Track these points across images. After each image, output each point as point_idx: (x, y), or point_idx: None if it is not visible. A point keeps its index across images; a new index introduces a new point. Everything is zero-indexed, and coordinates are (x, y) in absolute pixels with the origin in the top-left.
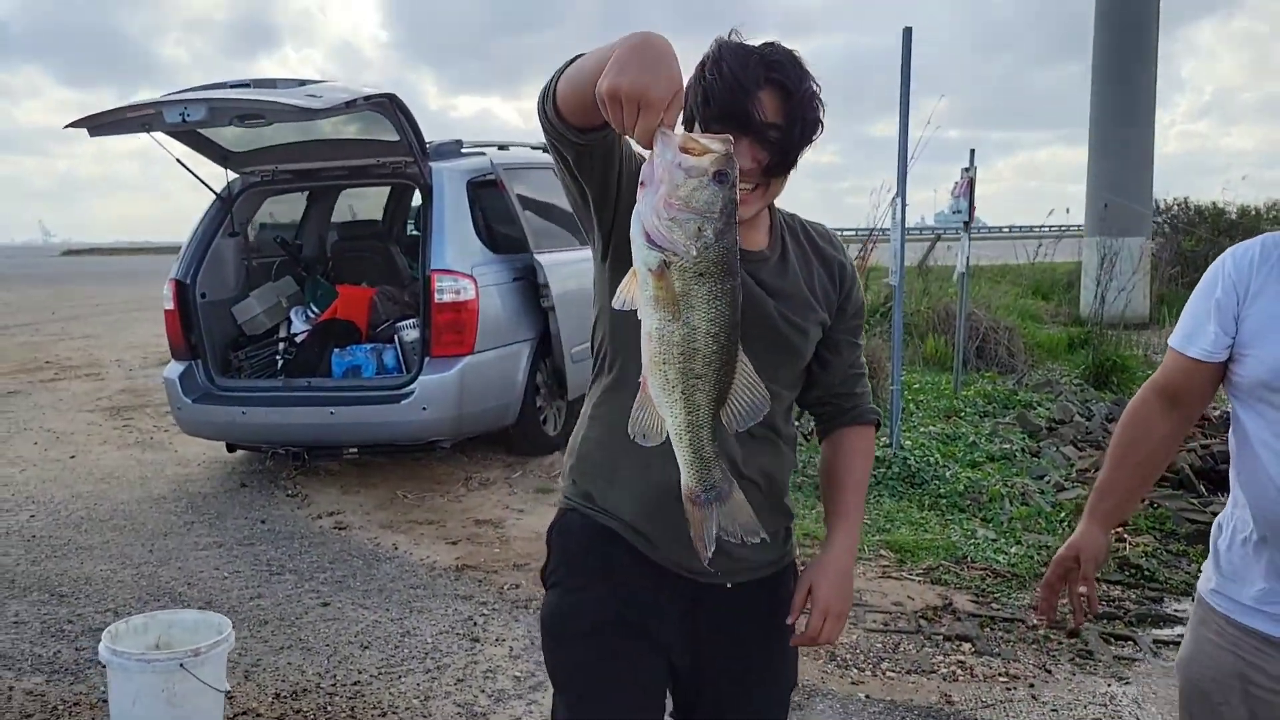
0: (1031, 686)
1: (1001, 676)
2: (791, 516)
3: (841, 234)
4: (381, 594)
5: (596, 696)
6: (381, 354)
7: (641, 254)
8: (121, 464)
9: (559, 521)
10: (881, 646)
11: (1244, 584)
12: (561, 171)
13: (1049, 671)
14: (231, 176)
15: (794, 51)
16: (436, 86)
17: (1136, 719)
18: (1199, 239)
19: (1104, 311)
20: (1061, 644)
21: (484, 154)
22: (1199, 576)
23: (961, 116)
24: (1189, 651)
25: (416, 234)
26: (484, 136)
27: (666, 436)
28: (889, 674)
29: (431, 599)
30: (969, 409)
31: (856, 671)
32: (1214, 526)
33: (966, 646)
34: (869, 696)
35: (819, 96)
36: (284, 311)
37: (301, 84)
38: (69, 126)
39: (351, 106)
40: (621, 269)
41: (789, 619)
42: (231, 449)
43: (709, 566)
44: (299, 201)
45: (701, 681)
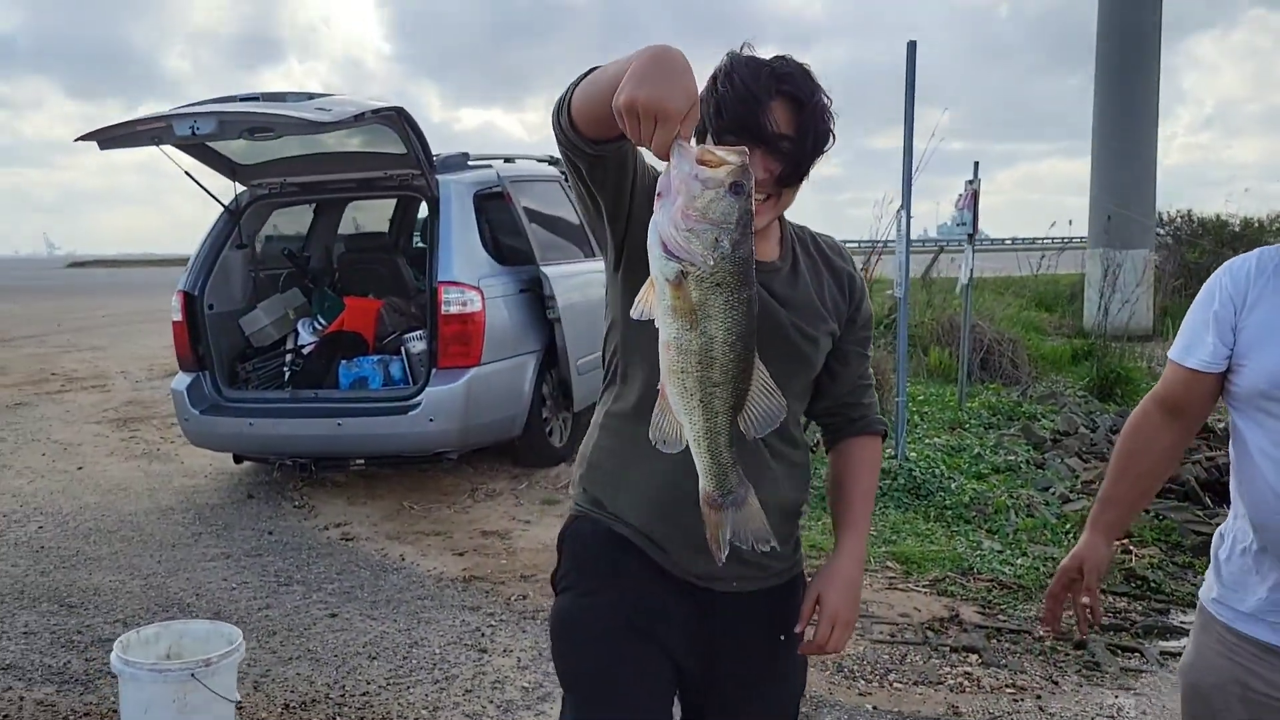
0: (1038, 698)
1: (1008, 688)
2: (798, 523)
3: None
4: (389, 605)
5: (604, 698)
6: (388, 365)
7: (659, 264)
8: (129, 475)
9: (569, 527)
10: (888, 658)
11: (1244, 593)
12: (574, 182)
13: (1056, 683)
14: (239, 189)
15: (805, 64)
16: (439, 99)
17: None
18: (1202, 251)
19: (1108, 323)
20: (1068, 655)
21: (490, 166)
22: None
23: (963, 128)
24: (1191, 658)
25: (422, 246)
26: (487, 149)
27: (684, 444)
28: (896, 685)
29: (439, 610)
30: (974, 421)
31: (864, 682)
32: (1215, 536)
33: (973, 658)
34: (876, 708)
35: (830, 108)
36: (291, 323)
37: (310, 97)
38: (79, 140)
39: (360, 120)
40: (634, 278)
41: (797, 627)
42: (238, 460)
43: (722, 569)
44: (306, 214)
45: (710, 688)
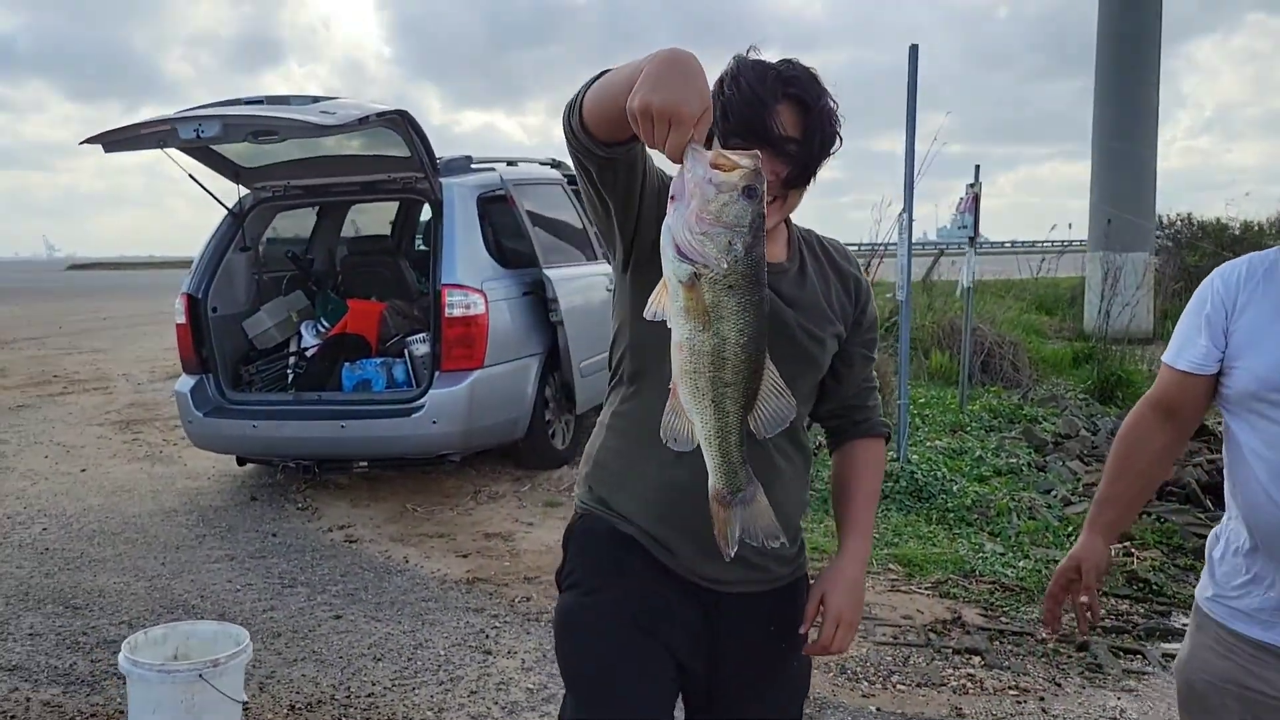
0: (1041, 700)
1: (1011, 689)
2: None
3: None
4: (393, 606)
5: (606, 697)
6: (391, 368)
7: (672, 266)
8: (132, 477)
9: (575, 525)
10: (891, 659)
11: (1239, 592)
12: (583, 184)
13: (1058, 685)
14: (243, 192)
15: (811, 68)
16: (440, 102)
17: None
18: (1202, 254)
19: (1108, 326)
20: (1071, 657)
21: (494, 169)
22: None
23: (963, 132)
24: (1186, 656)
25: (425, 249)
26: (487, 152)
27: (695, 443)
28: (899, 687)
29: (443, 612)
30: (975, 424)
31: (867, 684)
32: (1210, 537)
33: (976, 660)
34: (880, 709)
35: (836, 112)
36: (294, 326)
37: (315, 100)
38: (84, 143)
39: (364, 123)
40: (643, 279)
41: (801, 628)
42: (242, 462)
43: (727, 571)
44: (309, 217)
45: (714, 689)
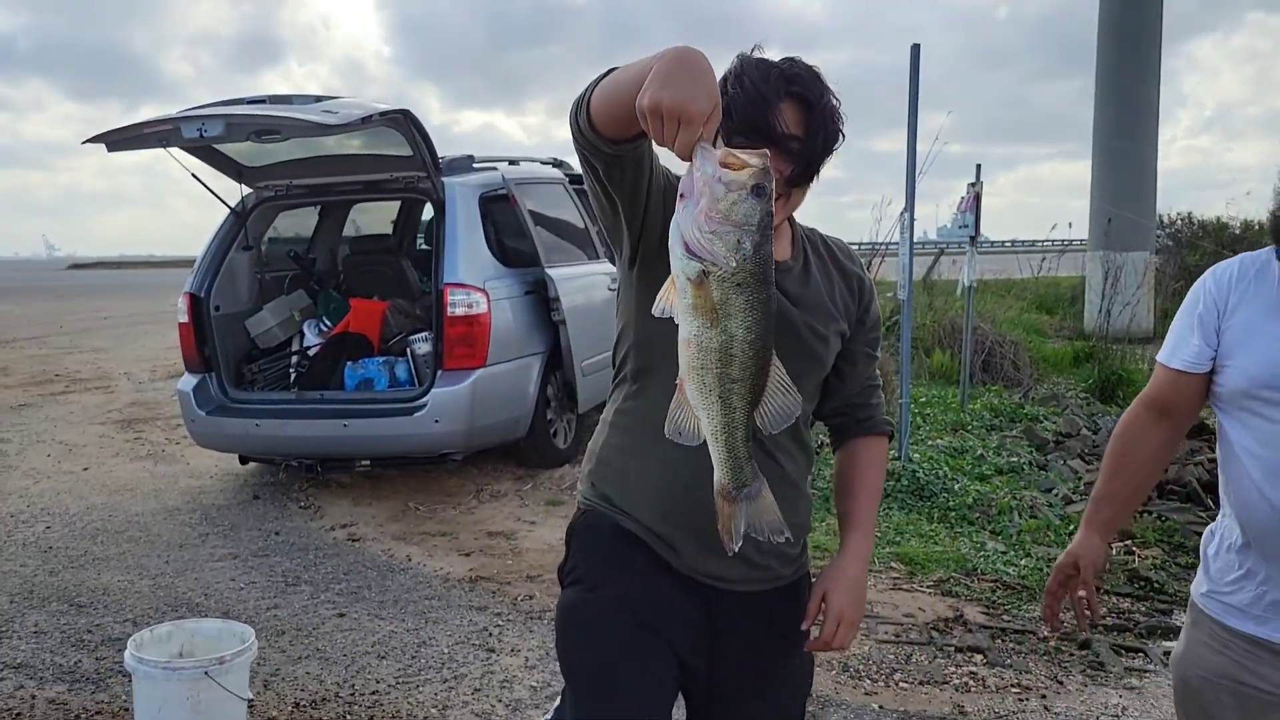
0: (1044, 697)
1: (1014, 687)
2: (808, 523)
3: None
4: (396, 605)
5: (606, 694)
6: (394, 367)
7: (681, 264)
8: (134, 476)
9: (578, 521)
10: (894, 658)
11: (1232, 588)
12: (590, 182)
13: (1060, 683)
14: (245, 191)
15: (814, 66)
16: (440, 102)
17: None
18: (1203, 253)
19: (1108, 326)
20: (1073, 655)
21: (495, 169)
22: None
23: (963, 131)
24: (1182, 651)
25: (426, 248)
26: (487, 151)
27: (701, 438)
28: (902, 685)
29: (446, 610)
30: (976, 423)
31: (869, 682)
32: (1205, 533)
33: (978, 658)
34: (882, 707)
35: (839, 109)
36: (297, 325)
37: (317, 100)
38: (87, 142)
39: (367, 122)
40: (649, 276)
41: (803, 625)
42: (244, 461)
43: (730, 569)
44: (311, 216)
45: (715, 687)
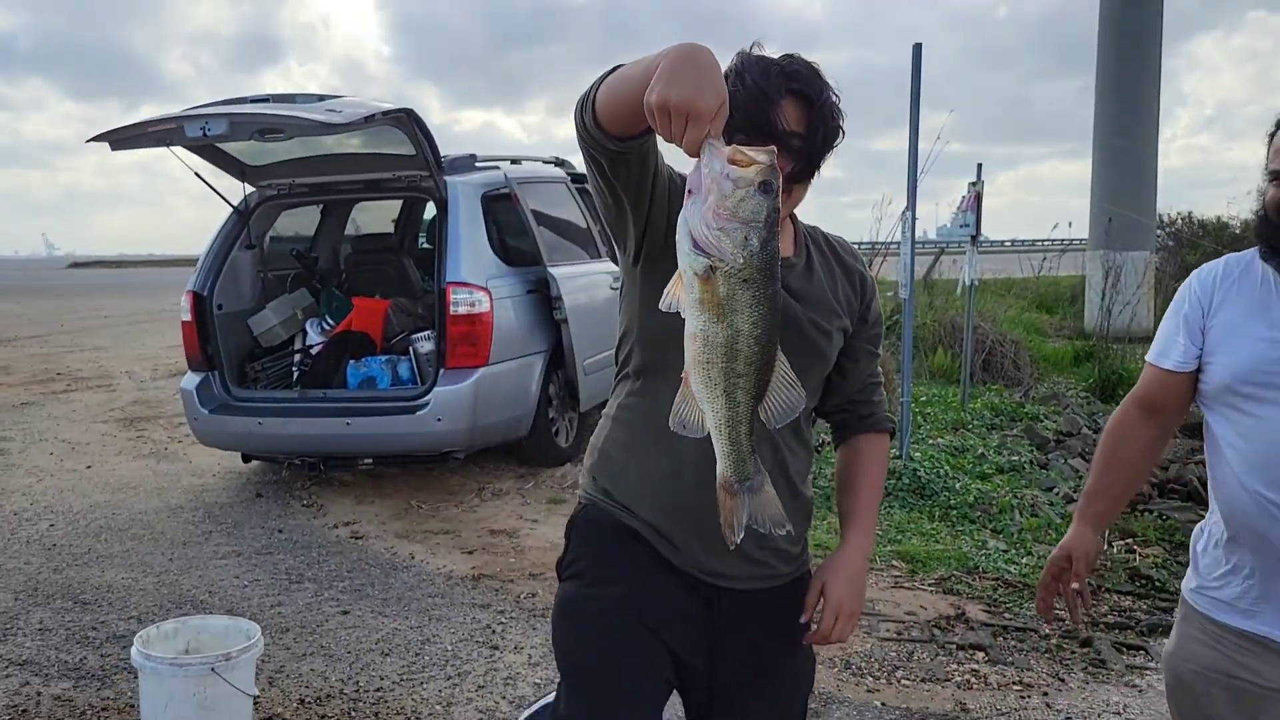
0: (1045, 695)
1: (1015, 685)
2: (809, 519)
3: None
4: (400, 602)
5: (602, 692)
6: (396, 365)
7: (688, 259)
8: (137, 474)
9: (578, 515)
10: (896, 655)
11: (1220, 582)
12: (595, 178)
13: (1062, 680)
14: (248, 190)
15: (814, 63)
16: (440, 101)
17: None
18: (1203, 253)
19: (1109, 325)
20: (1074, 653)
21: (498, 168)
22: None
23: (963, 131)
24: (1173, 647)
25: (429, 247)
26: (488, 150)
27: (705, 431)
28: (904, 682)
29: (449, 607)
30: (977, 421)
31: (871, 680)
32: (1195, 531)
33: (980, 655)
34: (884, 704)
35: (839, 106)
36: (300, 323)
37: (320, 99)
38: (91, 141)
39: (370, 121)
40: (653, 272)
41: (802, 617)
42: (247, 459)
43: (730, 566)
44: (313, 214)
45: (715, 685)
